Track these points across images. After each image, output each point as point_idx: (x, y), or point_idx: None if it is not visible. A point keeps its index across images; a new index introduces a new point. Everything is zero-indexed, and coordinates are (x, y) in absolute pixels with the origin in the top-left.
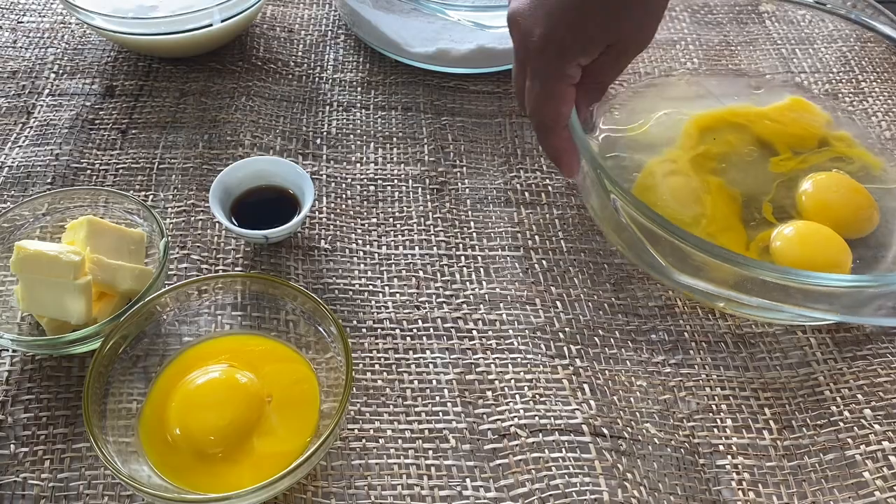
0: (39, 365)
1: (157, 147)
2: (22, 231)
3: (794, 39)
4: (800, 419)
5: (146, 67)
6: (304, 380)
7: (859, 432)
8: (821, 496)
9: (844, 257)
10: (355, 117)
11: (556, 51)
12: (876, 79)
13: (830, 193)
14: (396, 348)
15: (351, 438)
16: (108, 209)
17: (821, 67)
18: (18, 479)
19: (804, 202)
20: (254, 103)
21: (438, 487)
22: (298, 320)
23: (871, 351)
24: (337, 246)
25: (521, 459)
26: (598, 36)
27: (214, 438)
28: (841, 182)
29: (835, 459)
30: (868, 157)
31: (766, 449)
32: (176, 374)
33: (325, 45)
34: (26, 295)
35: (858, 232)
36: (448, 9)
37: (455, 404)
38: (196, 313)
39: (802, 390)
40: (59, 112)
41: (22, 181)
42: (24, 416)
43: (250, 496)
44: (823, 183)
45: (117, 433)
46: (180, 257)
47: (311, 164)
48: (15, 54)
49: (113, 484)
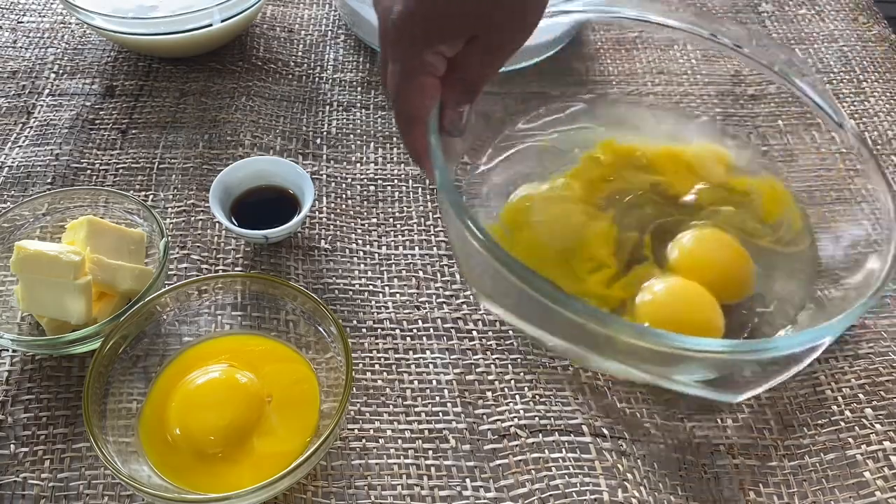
0: (39, 365)
1: (157, 147)
2: (22, 231)
3: (794, 39)
4: (800, 419)
5: (146, 67)
6: (304, 380)
7: (860, 432)
8: (821, 496)
9: (709, 319)
10: (355, 117)
11: (414, 33)
12: (877, 78)
13: (706, 252)
14: (396, 348)
15: (351, 438)
16: (109, 209)
17: (821, 67)
18: (18, 478)
19: (678, 256)
20: (254, 103)
21: (438, 487)
22: (298, 320)
23: (873, 350)
24: (337, 246)
25: (520, 460)
26: (459, 22)
27: (214, 438)
28: (720, 242)
29: (836, 459)
30: (773, 207)
31: (767, 449)
32: (176, 374)
33: (325, 45)
34: (26, 295)
35: (730, 297)
36: None
37: (455, 404)
38: (196, 313)
39: (803, 390)
40: (60, 112)
41: (22, 181)
42: (24, 416)
43: (250, 496)
44: (701, 240)
45: (117, 433)
46: (180, 257)
47: (311, 163)
48: (15, 54)
49: (113, 484)
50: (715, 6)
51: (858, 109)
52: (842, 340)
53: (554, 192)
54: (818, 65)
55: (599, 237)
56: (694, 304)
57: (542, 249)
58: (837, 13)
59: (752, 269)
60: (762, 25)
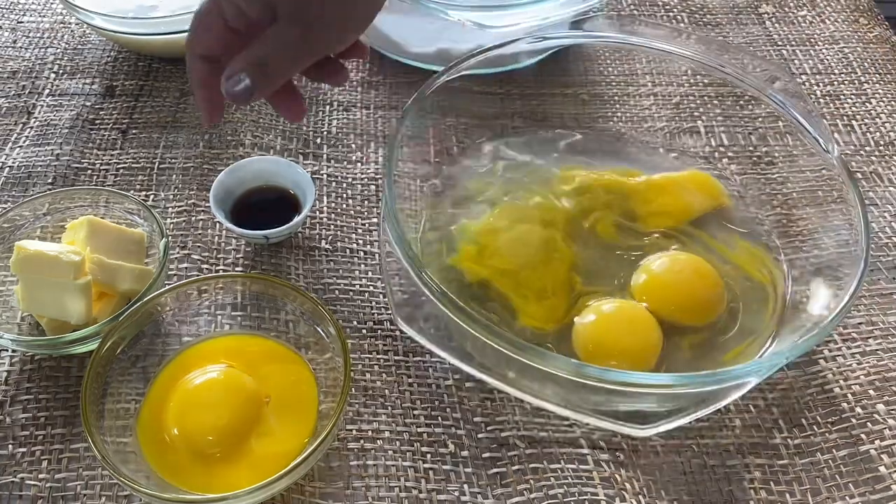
0: (38, 365)
1: (157, 147)
2: (22, 231)
3: (795, 41)
4: (809, 417)
5: (146, 67)
6: (302, 380)
7: (873, 428)
8: (836, 492)
9: (645, 345)
10: (356, 117)
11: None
12: (879, 80)
13: (664, 275)
14: (396, 350)
15: (349, 439)
16: (109, 209)
17: (822, 69)
18: (16, 479)
19: (636, 282)
20: (254, 103)
21: (436, 491)
22: (298, 321)
23: (881, 346)
24: (337, 246)
25: (518, 469)
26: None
27: (212, 439)
28: (683, 265)
29: (849, 455)
30: (729, 252)
31: (777, 447)
32: (174, 374)
33: None
34: (26, 295)
35: (694, 319)
36: (448, 9)
37: (454, 410)
38: (196, 313)
39: (810, 389)
40: (60, 112)
41: (22, 181)
42: (23, 416)
43: (248, 496)
44: (661, 264)
45: (115, 433)
46: (180, 257)
47: (311, 163)
48: (15, 54)
49: (110, 484)
50: (715, 7)
51: (860, 111)
52: (848, 338)
53: (523, 210)
54: (819, 66)
55: (553, 262)
56: (625, 325)
57: (505, 261)
58: (838, 14)
59: (716, 293)
60: (762, 27)
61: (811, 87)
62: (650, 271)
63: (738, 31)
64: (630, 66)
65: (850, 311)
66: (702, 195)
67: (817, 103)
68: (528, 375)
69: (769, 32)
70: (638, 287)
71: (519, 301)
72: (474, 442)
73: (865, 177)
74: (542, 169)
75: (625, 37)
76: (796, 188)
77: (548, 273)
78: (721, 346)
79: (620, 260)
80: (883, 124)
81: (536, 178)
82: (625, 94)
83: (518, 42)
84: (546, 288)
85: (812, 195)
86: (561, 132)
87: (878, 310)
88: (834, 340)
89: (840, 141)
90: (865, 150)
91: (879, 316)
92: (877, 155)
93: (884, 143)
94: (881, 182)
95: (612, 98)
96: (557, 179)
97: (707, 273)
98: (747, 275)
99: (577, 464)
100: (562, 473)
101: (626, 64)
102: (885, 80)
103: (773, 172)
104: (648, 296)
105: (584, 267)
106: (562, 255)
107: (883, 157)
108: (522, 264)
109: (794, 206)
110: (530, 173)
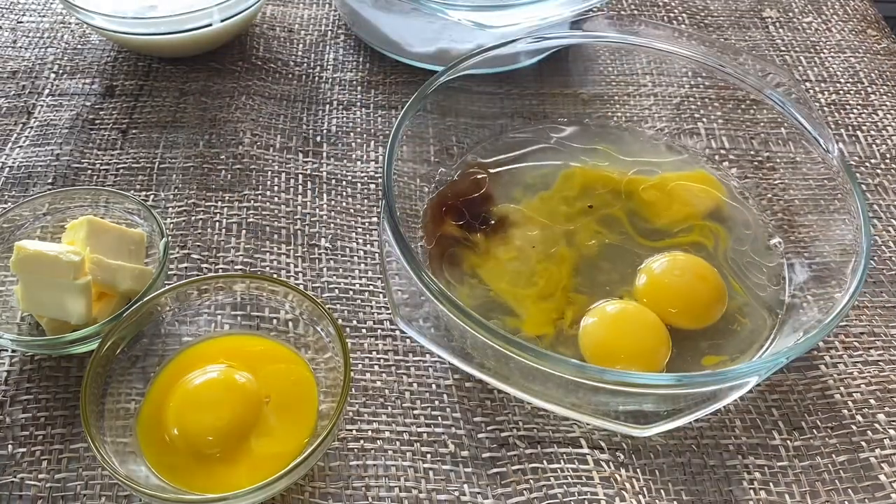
0: (38, 365)
1: (157, 147)
2: (22, 231)
3: (799, 47)
4: (809, 421)
5: (146, 67)
6: (302, 380)
7: (873, 436)
8: (835, 496)
9: (654, 348)
10: (356, 116)
11: None
12: (886, 91)
13: (665, 277)
14: (396, 350)
15: (349, 439)
16: (109, 209)
17: (827, 77)
18: (16, 479)
19: (639, 283)
20: (254, 102)
21: (436, 491)
22: (297, 320)
23: (883, 357)
24: (337, 245)
25: (518, 469)
26: None
27: (212, 439)
28: (684, 267)
29: (848, 461)
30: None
31: (777, 449)
32: (174, 374)
33: (325, 45)
34: (26, 295)
35: (694, 323)
36: (448, 9)
37: (454, 410)
38: (196, 313)
39: (811, 393)
40: (60, 112)
41: (22, 181)
42: (23, 416)
43: (248, 497)
44: (662, 266)
45: (115, 433)
46: (180, 257)
47: (311, 161)
48: (15, 54)
49: (110, 484)
50: (717, 10)
51: (866, 122)
52: (850, 346)
53: (522, 211)
54: (823, 73)
55: (555, 264)
56: (634, 328)
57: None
58: (845, 24)
59: (717, 296)
60: (765, 31)
61: (815, 95)
62: (651, 273)
63: (739, 34)
64: (630, 66)
65: (853, 320)
66: (705, 194)
67: (821, 111)
68: (528, 375)
69: (772, 37)
70: (639, 289)
71: (518, 303)
72: (474, 442)
73: (870, 189)
74: (543, 169)
75: (625, 37)
76: (798, 195)
77: (548, 274)
78: (718, 348)
79: (623, 262)
80: (890, 137)
81: (536, 179)
82: (625, 94)
83: (518, 42)
84: (546, 290)
85: (815, 203)
86: (561, 132)
87: (880, 321)
88: (835, 347)
89: (844, 151)
90: (871, 161)
91: (882, 328)
92: (882, 168)
93: (890, 157)
94: (886, 195)
95: (613, 98)
96: (557, 179)
97: (709, 275)
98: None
99: (576, 463)
100: (562, 473)
101: (627, 64)
102: (892, 93)
103: (774, 178)
104: (650, 298)
105: (584, 269)
106: (562, 256)
107: (889, 170)
108: (522, 268)
109: (797, 213)
110: (530, 173)
